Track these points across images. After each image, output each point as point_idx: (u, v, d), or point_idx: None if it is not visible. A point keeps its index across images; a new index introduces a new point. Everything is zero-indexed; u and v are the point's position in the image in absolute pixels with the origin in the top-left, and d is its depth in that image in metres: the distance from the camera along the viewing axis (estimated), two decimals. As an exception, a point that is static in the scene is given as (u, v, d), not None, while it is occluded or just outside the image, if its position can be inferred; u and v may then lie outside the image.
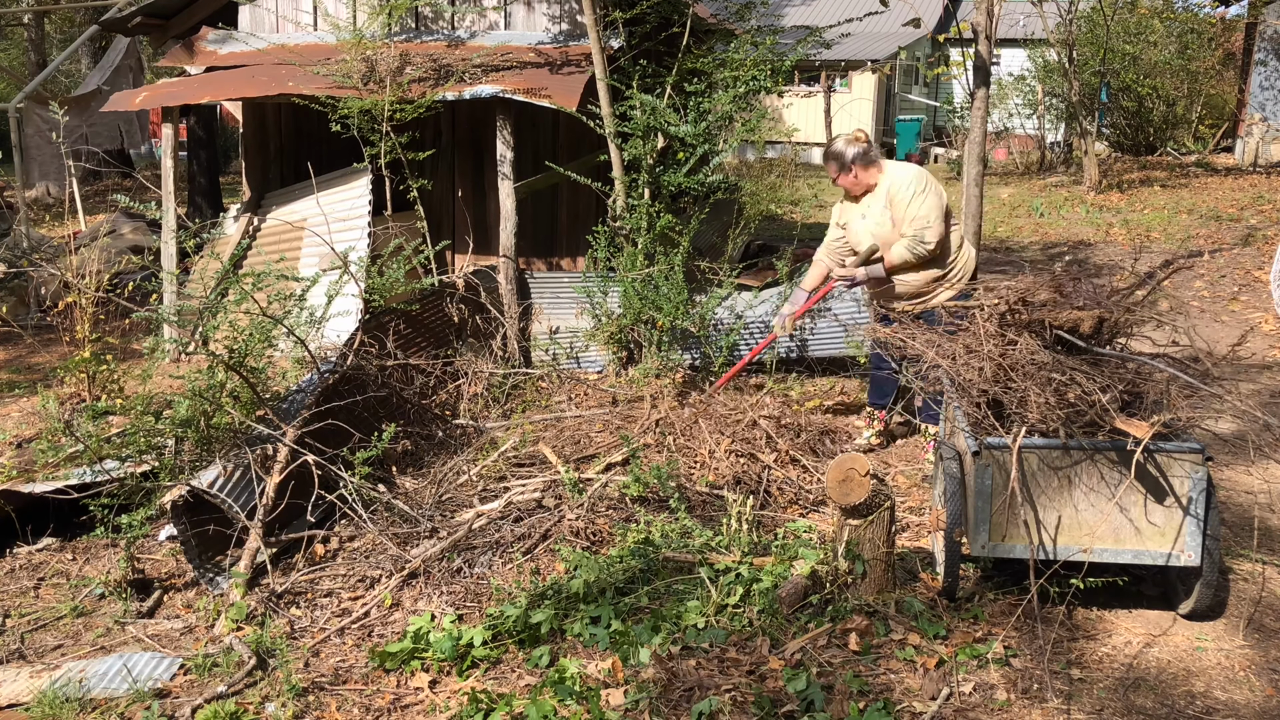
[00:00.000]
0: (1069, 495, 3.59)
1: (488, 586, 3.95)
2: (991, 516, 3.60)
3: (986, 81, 6.00)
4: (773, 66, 6.63)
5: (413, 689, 3.38)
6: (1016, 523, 3.58)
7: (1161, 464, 3.53)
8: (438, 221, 8.02)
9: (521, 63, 7.15)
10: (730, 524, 4.19)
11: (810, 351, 6.66)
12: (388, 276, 5.20)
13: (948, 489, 3.71)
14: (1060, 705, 3.20)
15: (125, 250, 10.13)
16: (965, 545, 3.67)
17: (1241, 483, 4.95)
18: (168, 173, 7.50)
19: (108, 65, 15.83)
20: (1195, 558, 3.54)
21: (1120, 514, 3.57)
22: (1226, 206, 12.66)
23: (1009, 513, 3.59)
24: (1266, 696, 3.28)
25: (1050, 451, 3.57)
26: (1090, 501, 3.59)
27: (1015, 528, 3.59)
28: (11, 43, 24.96)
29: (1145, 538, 3.57)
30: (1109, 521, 3.58)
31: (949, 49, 18.46)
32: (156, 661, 3.58)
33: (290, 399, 4.89)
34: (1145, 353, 3.90)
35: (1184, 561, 3.56)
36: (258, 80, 7.09)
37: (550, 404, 6.00)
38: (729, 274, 6.48)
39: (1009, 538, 3.61)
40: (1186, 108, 19.39)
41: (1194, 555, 3.54)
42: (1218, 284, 8.93)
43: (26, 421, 6.16)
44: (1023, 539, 3.58)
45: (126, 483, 4.31)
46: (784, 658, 3.37)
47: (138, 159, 18.05)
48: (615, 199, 6.61)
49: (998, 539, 3.62)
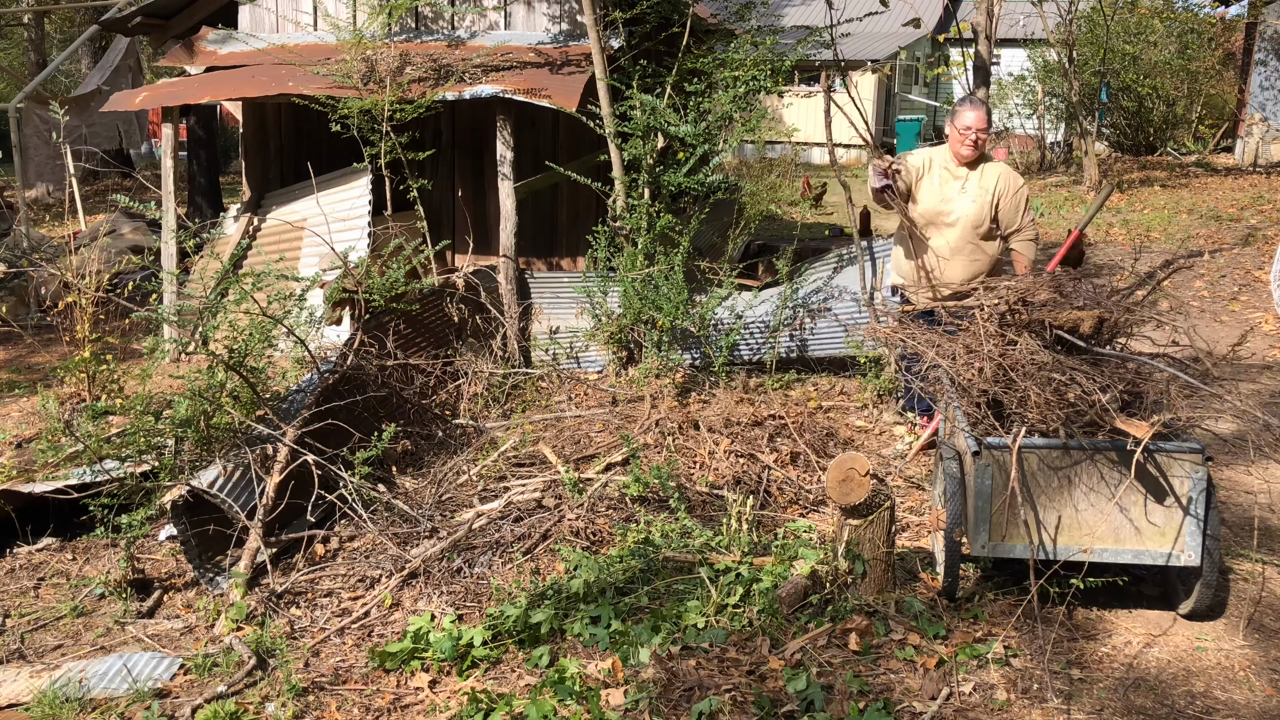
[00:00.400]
0: (1069, 495, 3.59)
1: (488, 586, 3.95)
2: (991, 516, 3.60)
3: (986, 81, 6.01)
4: (772, 66, 6.64)
5: (413, 689, 3.38)
6: (1016, 523, 3.59)
7: (1161, 464, 3.53)
8: (437, 221, 8.02)
9: (521, 63, 7.14)
10: (730, 524, 4.18)
11: (810, 351, 6.66)
12: (387, 276, 5.20)
13: (948, 489, 3.71)
14: (1060, 705, 3.20)
15: (125, 250, 10.13)
16: (965, 545, 3.67)
17: (1242, 483, 4.95)
18: (168, 172, 7.50)
19: (107, 65, 15.83)
20: (1195, 558, 3.54)
21: (1120, 514, 3.57)
22: (1226, 206, 12.66)
23: (1009, 513, 3.59)
24: (1266, 696, 3.28)
25: (1050, 451, 3.57)
26: (1090, 501, 3.59)
27: (1015, 528, 3.59)
28: (11, 42, 24.95)
29: (1145, 538, 3.58)
30: (1109, 521, 3.58)
31: (949, 49, 18.48)
32: (156, 661, 3.58)
33: (290, 399, 4.89)
34: (1145, 353, 3.90)
35: (1184, 561, 3.56)
36: (258, 80, 7.09)
37: (550, 404, 6.00)
38: (729, 274, 6.48)
39: (1009, 537, 3.61)
40: (1186, 108, 19.38)
41: (1194, 555, 3.54)
42: (1218, 284, 8.92)
43: (27, 421, 6.16)
44: (1023, 539, 3.57)
45: (126, 483, 4.30)
46: (784, 658, 3.37)
47: (138, 159, 18.05)
48: (615, 199, 6.61)
49: (998, 539, 3.62)
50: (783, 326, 6.57)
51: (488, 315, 6.62)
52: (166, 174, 7.49)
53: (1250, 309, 8.18)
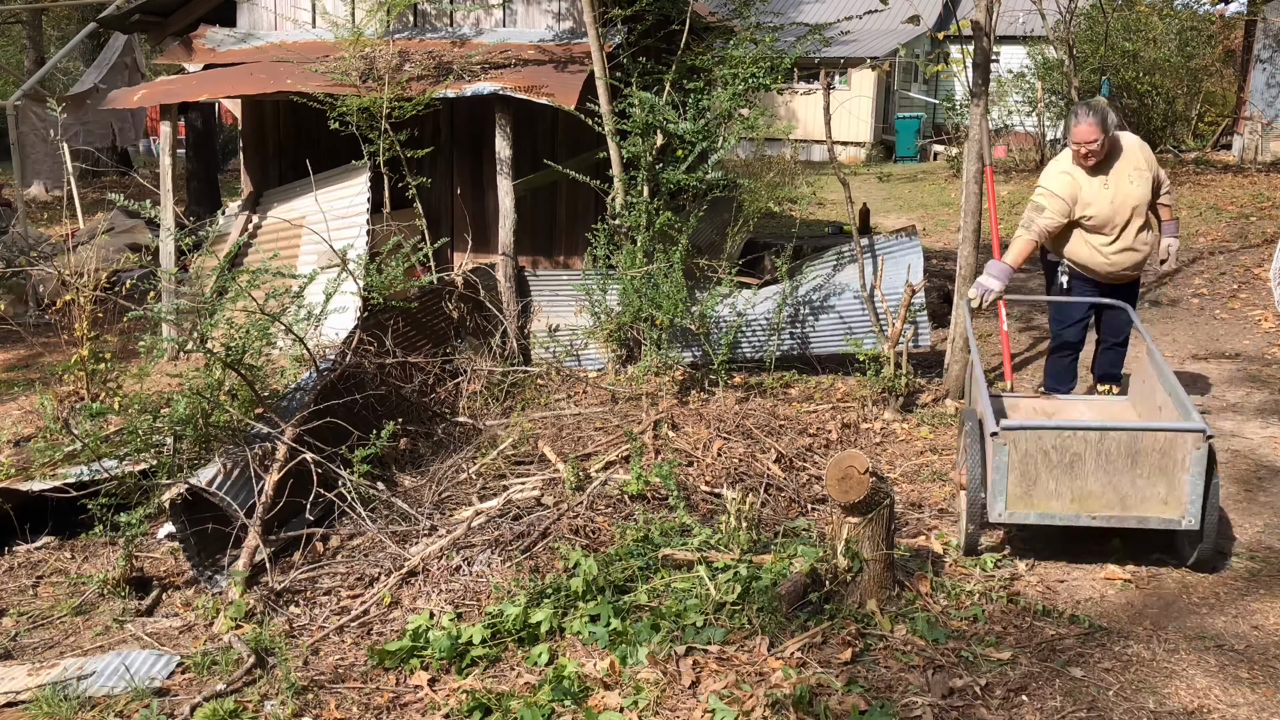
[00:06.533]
0: (1079, 469, 3.91)
1: (487, 585, 3.94)
2: (1008, 488, 3.96)
3: (986, 79, 5.99)
4: (771, 63, 6.62)
5: (412, 687, 3.37)
6: (1030, 493, 3.95)
7: (1166, 441, 3.84)
8: (437, 219, 8.01)
9: (522, 60, 7.13)
10: (729, 522, 4.18)
11: (811, 349, 6.64)
12: (386, 274, 5.19)
13: (970, 455, 4.13)
14: (1060, 705, 3.20)
15: (123, 248, 10.12)
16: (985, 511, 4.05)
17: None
18: (166, 170, 7.49)
19: (104, 63, 15.81)
20: (1195, 523, 3.86)
21: (1127, 485, 3.89)
22: (1226, 204, 12.66)
23: (1023, 484, 3.95)
24: (1266, 697, 3.28)
25: (1061, 430, 3.92)
26: (1099, 474, 3.90)
27: (1029, 498, 3.96)
28: (9, 40, 24.92)
29: (1149, 506, 3.90)
30: (1116, 491, 3.91)
31: (948, 46, 18.45)
32: (155, 659, 3.58)
33: (289, 397, 4.88)
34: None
35: (1184, 526, 3.89)
36: (256, 78, 7.08)
37: (549, 402, 6.00)
38: (728, 271, 6.47)
39: (1024, 506, 3.97)
40: (1186, 105, 19.35)
41: (1194, 520, 3.86)
42: (1217, 281, 8.92)
43: (26, 420, 6.16)
44: (1036, 507, 3.96)
45: (125, 481, 4.30)
46: (782, 657, 3.37)
47: (136, 157, 18.03)
48: (614, 196, 6.60)
49: (1015, 508, 3.97)
50: (783, 324, 6.56)
51: (487, 313, 6.61)
52: (165, 172, 7.48)
53: (1250, 307, 8.17)
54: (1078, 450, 3.88)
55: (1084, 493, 3.92)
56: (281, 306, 4.80)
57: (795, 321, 6.62)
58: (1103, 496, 3.91)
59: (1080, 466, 3.90)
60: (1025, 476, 3.93)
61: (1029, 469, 3.92)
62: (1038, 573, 4.08)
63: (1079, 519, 3.94)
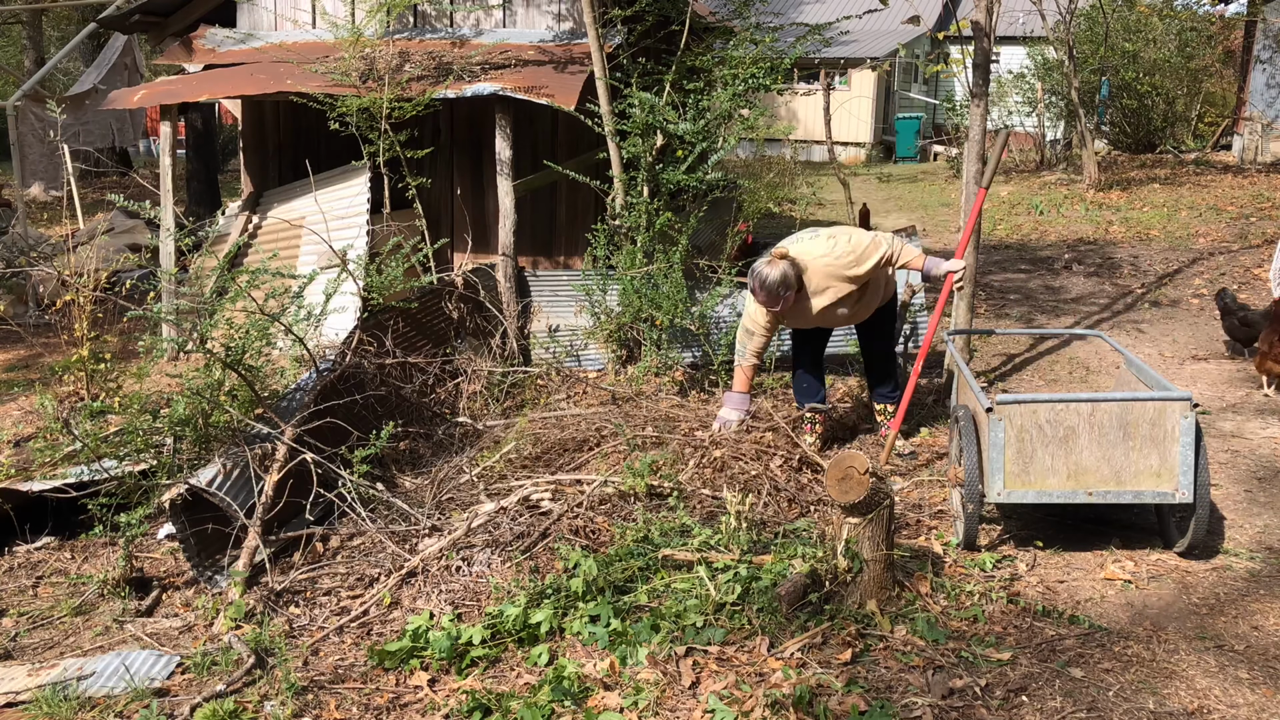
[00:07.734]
0: (1073, 444, 3.98)
1: (487, 585, 3.94)
2: (1005, 466, 4.01)
3: (986, 79, 5.99)
4: (771, 64, 6.62)
5: (412, 687, 3.37)
6: (1027, 470, 4.01)
7: (1155, 410, 3.93)
8: (436, 219, 8.01)
9: (522, 60, 7.14)
10: (729, 522, 4.17)
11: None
12: (386, 274, 5.19)
13: (965, 447, 4.13)
14: (1060, 705, 3.20)
15: (123, 248, 10.12)
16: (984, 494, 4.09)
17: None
18: (166, 171, 7.48)
19: (103, 64, 15.79)
20: (1189, 494, 3.93)
21: (1121, 458, 3.96)
22: (1226, 204, 12.67)
23: (1020, 461, 4.01)
24: (1266, 697, 3.28)
25: (1055, 404, 3.98)
26: (1092, 449, 3.97)
27: (1026, 475, 4.02)
28: (9, 40, 24.92)
29: (1143, 479, 3.98)
30: (1111, 465, 3.98)
31: (948, 46, 18.46)
32: (155, 660, 3.58)
33: (289, 397, 4.88)
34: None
35: (1178, 499, 3.95)
36: (256, 78, 7.08)
37: (550, 402, 6.00)
38: (728, 271, 6.48)
39: (1021, 484, 4.03)
40: (1186, 105, 19.36)
41: (1188, 493, 3.92)
42: (1217, 281, 8.92)
43: (26, 420, 6.16)
44: (1033, 485, 4.03)
45: (125, 481, 4.30)
46: (782, 657, 3.37)
47: (136, 157, 18.03)
48: (614, 197, 6.60)
49: (1012, 486, 4.02)
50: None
51: (487, 313, 6.61)
52: (165, 172, 7.48)
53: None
54: (1071, 423, 3.96)
55: (1080, 467, 3.98)
56: (281, 307, 4.80)
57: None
58: (1098, 471, 3.97)
59: (1074, 440, 3.97)
60: (1022, 453, 3.99)
61: (1025, 444, 3.98)
62: (1038, 573, 4.08)
63: (1076, 495, 4.00)
